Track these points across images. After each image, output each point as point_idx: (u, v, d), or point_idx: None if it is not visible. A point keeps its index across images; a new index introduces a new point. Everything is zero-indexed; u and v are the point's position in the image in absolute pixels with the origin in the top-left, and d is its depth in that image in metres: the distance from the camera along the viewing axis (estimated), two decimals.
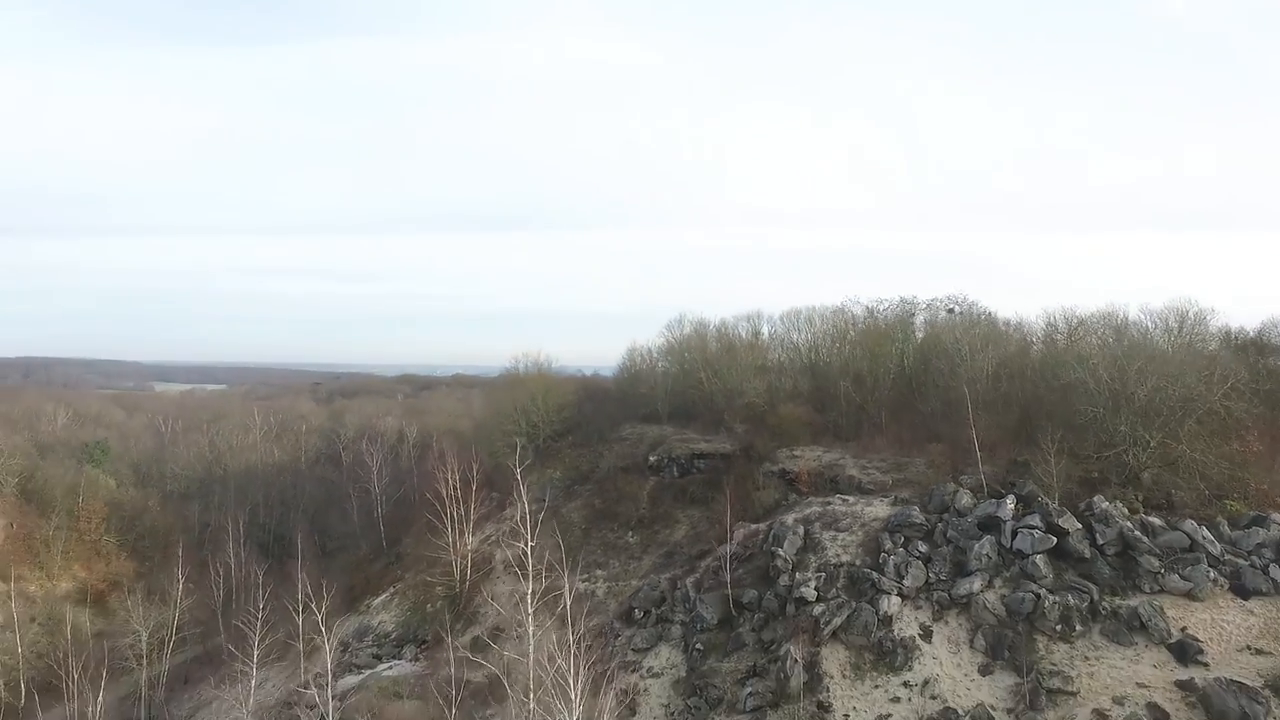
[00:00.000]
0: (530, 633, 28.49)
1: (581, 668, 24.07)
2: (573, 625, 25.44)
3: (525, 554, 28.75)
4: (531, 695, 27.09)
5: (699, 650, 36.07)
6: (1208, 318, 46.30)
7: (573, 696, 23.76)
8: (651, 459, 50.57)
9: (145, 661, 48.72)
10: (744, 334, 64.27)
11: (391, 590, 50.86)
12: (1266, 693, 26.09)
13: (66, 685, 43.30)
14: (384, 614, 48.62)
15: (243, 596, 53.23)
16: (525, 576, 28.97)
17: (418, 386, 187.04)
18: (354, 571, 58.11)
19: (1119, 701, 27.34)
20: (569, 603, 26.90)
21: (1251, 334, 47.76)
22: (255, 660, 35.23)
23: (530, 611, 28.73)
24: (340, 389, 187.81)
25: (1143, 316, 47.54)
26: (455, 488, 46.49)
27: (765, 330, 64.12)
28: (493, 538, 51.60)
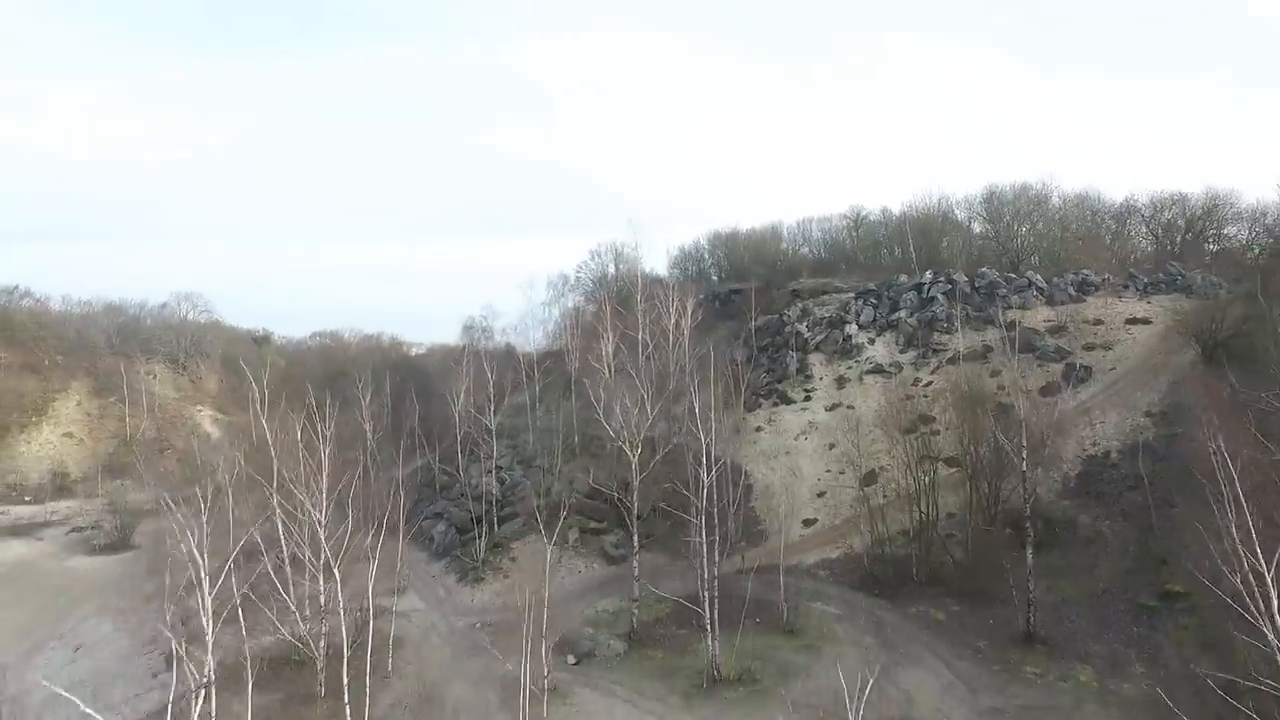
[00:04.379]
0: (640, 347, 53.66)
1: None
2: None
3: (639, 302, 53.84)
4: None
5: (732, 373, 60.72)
6: (1102, 196, 70.78)
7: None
8: (700, 296, 75.35)
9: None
10: (768, 237, 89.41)
11: None
12: (1045, 330, 50.34)
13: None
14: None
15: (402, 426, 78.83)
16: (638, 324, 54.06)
17: None
18: None
19: (969, 347, 51.50)
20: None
21: (1121, 200, 71.75)
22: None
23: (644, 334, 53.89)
24: None
25: (1058, 198, 71.86)
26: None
27: (784, 233, 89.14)
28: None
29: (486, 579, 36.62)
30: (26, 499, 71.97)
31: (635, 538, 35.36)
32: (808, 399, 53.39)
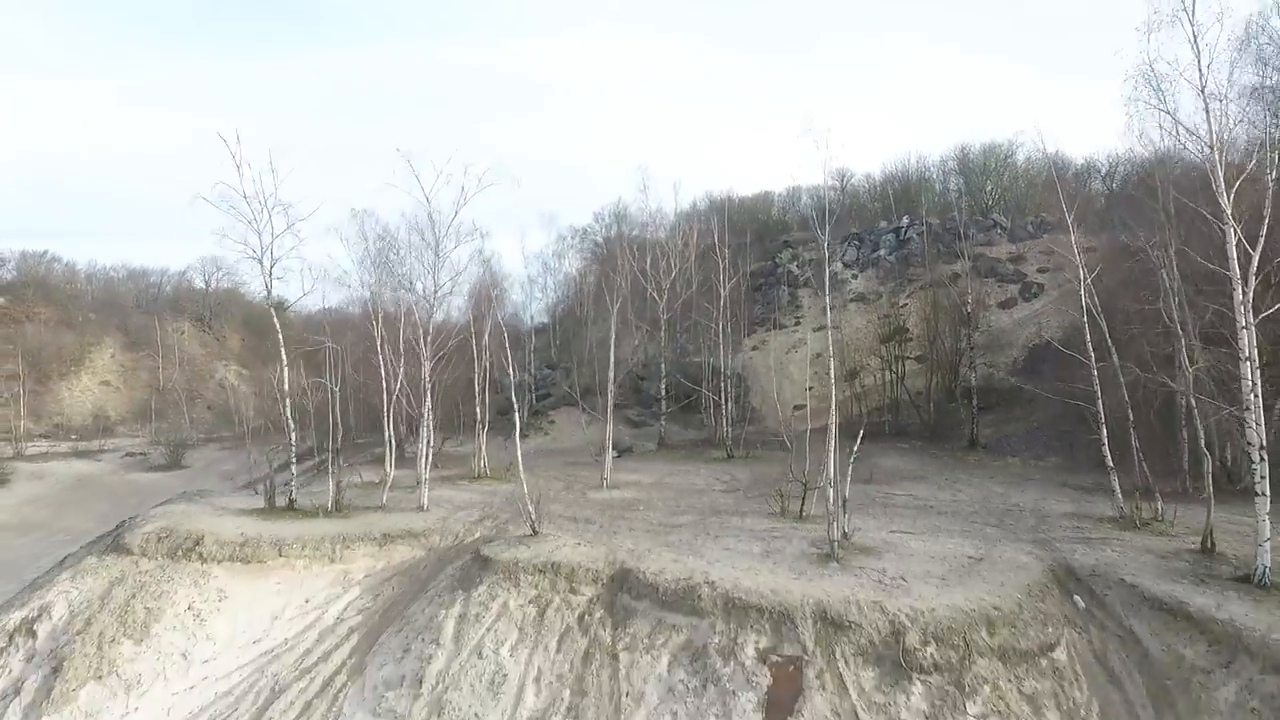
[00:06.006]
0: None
1: None
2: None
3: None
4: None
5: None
6: (1067, 155, 79.20)
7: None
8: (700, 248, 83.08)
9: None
10: (759, 203, 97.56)
11: None
12: (1006, 259, 58.24)
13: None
14: None
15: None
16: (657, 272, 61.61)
17: None
18: None
19: (940, 276, 59.31)
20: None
21: (1083, 159, 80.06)
22: None
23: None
24: None
25: (1022, 157, 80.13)
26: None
27: (775, 200, 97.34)
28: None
29: (530, 436, 44.00)
30: (74, 436, 78.35)
31: (663, 363, 43.01)
32: (797, 324, 61.15)
